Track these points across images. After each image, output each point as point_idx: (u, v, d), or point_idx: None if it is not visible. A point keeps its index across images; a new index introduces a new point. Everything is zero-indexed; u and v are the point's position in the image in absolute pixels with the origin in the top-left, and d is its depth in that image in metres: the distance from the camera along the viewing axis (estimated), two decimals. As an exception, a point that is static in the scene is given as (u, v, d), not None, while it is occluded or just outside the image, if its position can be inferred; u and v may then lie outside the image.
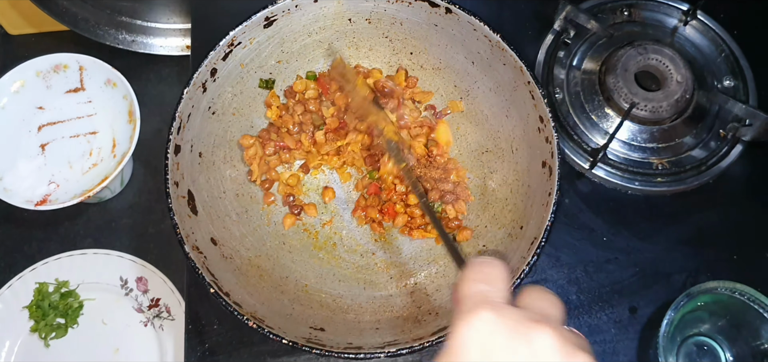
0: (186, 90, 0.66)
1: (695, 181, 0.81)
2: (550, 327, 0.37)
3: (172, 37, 1.05)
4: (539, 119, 0.67)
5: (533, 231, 0.64)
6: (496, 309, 0.38)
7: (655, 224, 0.80)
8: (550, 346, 0.37)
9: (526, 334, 0.37)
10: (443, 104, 0.78)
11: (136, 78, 0.97)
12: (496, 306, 0.39)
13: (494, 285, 0.41)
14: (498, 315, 0.38)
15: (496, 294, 0.41)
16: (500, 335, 0.37)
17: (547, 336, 0.37)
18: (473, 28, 0.69)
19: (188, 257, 0.62)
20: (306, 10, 0.72)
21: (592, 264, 0.78)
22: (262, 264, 0.71)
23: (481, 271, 0.42)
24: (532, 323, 0.37)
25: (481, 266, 0.43)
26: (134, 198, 1.02)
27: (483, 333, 0.37)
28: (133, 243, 0.99)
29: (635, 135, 0.82)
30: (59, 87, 0.97)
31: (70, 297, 0.95)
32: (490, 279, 0.42)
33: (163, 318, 0.95)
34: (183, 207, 0.65)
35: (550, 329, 0.37)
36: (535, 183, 0.68)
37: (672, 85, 0.82)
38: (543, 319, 0.38)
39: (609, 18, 0.89)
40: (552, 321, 0.39)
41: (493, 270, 0.42)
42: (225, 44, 0.68)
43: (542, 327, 0.37)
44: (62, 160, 0.98)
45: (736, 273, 0.77)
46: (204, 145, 0.71)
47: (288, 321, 0.65)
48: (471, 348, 0.37)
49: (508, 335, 0.37)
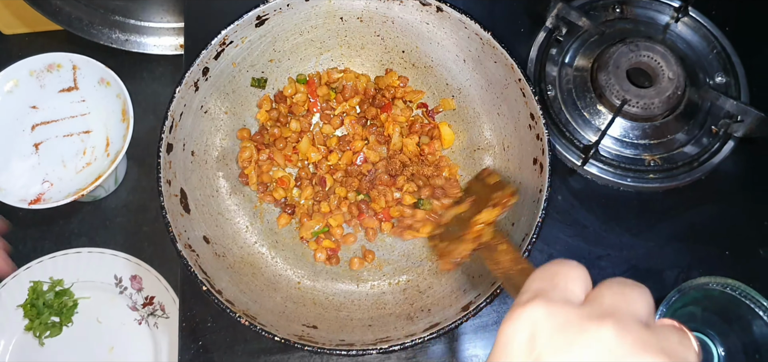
0: (178, 89, 0.67)
1: (687, 178, 0.81)
2: (612, 324, 0.33)
3: (166, 36, 1.05)
4: (530, 116, 0.67)
5: (524, 228, 0.64)
6: (550, 304, 0.35)
7: (648, 220, 0.80)
8: (608, 347, 0.32)
9: (577, 333, 0.33)
10: (435, 102, 0.78)
11: (130, 77, 0.98)
12: (551, 301, 0.35)
13: (559, 282, 0.37)
14: (550, 310, 0.35)
15: (557, 292, 0.36)
16: (547, 332, 0.34)
17: (606, 335, 0.33)
18: (464, 26, 0.70)
19: (180, 255, 0.62)
20: (298, 9, 0.72)
21: (585, 260, 0.77)
22: (254, 262, 0.71)
23: (548, 269, 0.39)
24: (590, 320, 0.34)
25: (551, 264, 0.39)
26: (128, 196, 1.02)
27: (529, 332, 0.34)
28: (128, 241, 0.99)
29: (627, 132, 0.82)
30: (53, 86, 0.97)
31: (64, 295, 0.95)
32: (555, 276, 0.37)
33: (158, 316, 0.95)
34: (175, 206, 0.66)
35: (611, 326, 0.33)
36: (526, 180, 0.68)
37: (664, 82, 0.82)
38: (607, 316, 0.34)
39: (601, 15, 0.89)
40: (621, 317, 0.34)
41: (562, 268, 0.38)
42: (217, 43, 0.68)
43: (601, 324, 0.33)
44: (56, 159, 0.98)
45: (728, 268, 0.77)
46: (196, 143, 0.71)
47: (280, 319, 0.65)
48: (514, 348, 0.35)
49: (558, 330, 0.34)
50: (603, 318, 0.33)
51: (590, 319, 0.34)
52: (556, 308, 0.35)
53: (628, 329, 0.33)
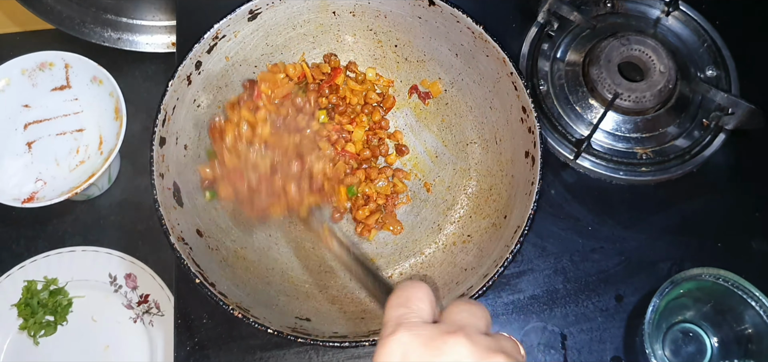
0: (171, 82, 0.67)
1: (679, 170, 0.81)
2: (464, 336, 0.40)
3: (158, 34, 1.05)
4: (522, 110, 0.67)
5: (517, 220, 0.64)
6: (411, 328, 0.41)
7: (640, 213, 0.80)
8: (464, 353, 0.39)
9: (439, 346, 0.40)
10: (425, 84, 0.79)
11: (123, 75, 0.98)
12: (412, 325, 0.42)
13: (413, 306, 0.44)
14: (413, 334, 0.41)
15: (413, 316, 0.43)
16: (415, 351, 0.40)
17: (461, 344, 0.40)
18: (456, 20, 0.70)
19: (173, 248, 0.62)
20: (290, 3, 0.72)
21: (578, 253, 0.78)
22: (247, 255, 0.71)
23: (401, 295, 0.45)
24: (446, 335, 0.40)
25: (402, 289, 0.45)
26: (122, 195, 1.02)
27: (399, 354, 0.40)
28: (122, 240, 0.99)
29: (619, 125, 0.83)
30: (45, 85, 0.97)
31: (59, 294, 0.95)
32: (409, 301, 0.44)
33: (153, 314, 0.95)
34: (168, 199, 0.66)
35: (463, 337, 0.40)
36: (518, 173, 0.68)
37: (655, 76, 0.82)
38: (458, 330, 0.41)
39: (592, 10, 0.89)
40: (468, 330, 0.41)
41: (412, 292, 0.45)
42: (209, 37, 0.69)
43: (456, 337, 0.40)
44: (49, 157, 0.98)
45: (721, 260, 0.78)
46: (189, 137, 0.71)
47: (274, 312, 0.65)
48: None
49: (422, 350, 0.40)
50: (457, 332, 0.40)
51: (448, 333, 0.40)
52: (418, 330, 0.41)
53: (476, 338, 0.40)
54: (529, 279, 0.77)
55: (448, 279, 0.69)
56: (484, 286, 0.61)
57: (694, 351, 0.74)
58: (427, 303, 0.44)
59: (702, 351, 0.74)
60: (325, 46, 0.78)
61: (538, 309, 0.76)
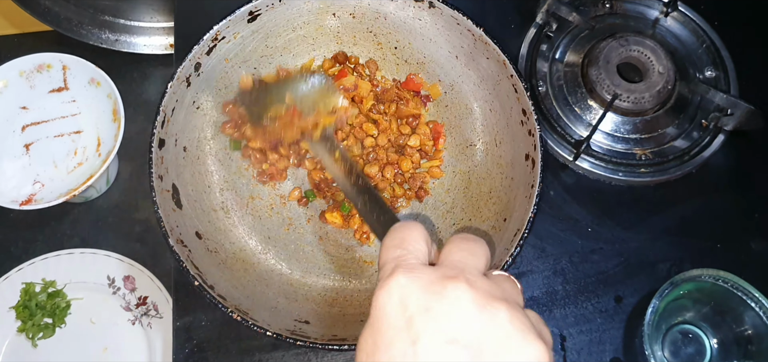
0: (170, 84, 0.66)
1: (678, 171, 0.81)
2: (464, 281, 0.38)
3: (156, 35, 1.05)
4: (522, 112, 0.67)
5: (517, 223, 0.64)
6: (409, 270, 0.39)
7: (639, 214, 0.80)
8: (465, 299, 0.38)
9: (439, 291, 0.38)
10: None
11: (121, 77, 0.97)
12: (409, 267, 0.40)
13: (409, 247, 0.42)
14: (411, 276, 0.39)
15: (410, 257, 0.41)
16: (414, 294, 0.38)
17: (461, 289, 0.38)
18: (456, 22, 0.70)
19: (172, 250, 0.62)
20: (290, 5, 0.72)
21: (578, 254, 0.78)
22: (247, 257, 0.71)
23: (395, 236, 0.43)
24: (446, 279, 0.39)
25: (396, 231, 0.44)
26: (120, 197, 1.01)
27: (398, 297, 0.38)
28: (120, 242, 0.99)
29: (618, 126, 0.83)
30: (43, 87, 0.97)
31: (57, 296, 0.95)
32: (404, 242, 0.43)
33: (151, 316, 0.95)
34: (167, 201, 0.65)
35: (463, 282, 0.38)
36: (518, 175, 0.68)
37: (654, 76, 0.82)
38: (458, 273, 0.39)
39: (590, 10, 0.89)
40: (468, 273, 0.40)
41: (407, 232, 0.43)
42: (209, 38, 0.68)
43: (456, 281, 0.38)
44: (47, 159, 0.98)
45: (720, 261, 0.78)
46: (188, 139, 0.70)
47: (273, 314, 0.65)
48: (389, 312, 0.38)
49: (421, 294, 0.38)
50: (457, 276, 0.39)
51: (447, 278, 0.39)
52: (416, 273, 0.39)
53: (476, 283, 0.39)
54: (528, 281, 0.77)
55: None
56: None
57: (693, 352, 0.74)
58: (424, 243, 0.43)
59: (701, 353, 0.74)
60: (324, 48, 0.78)
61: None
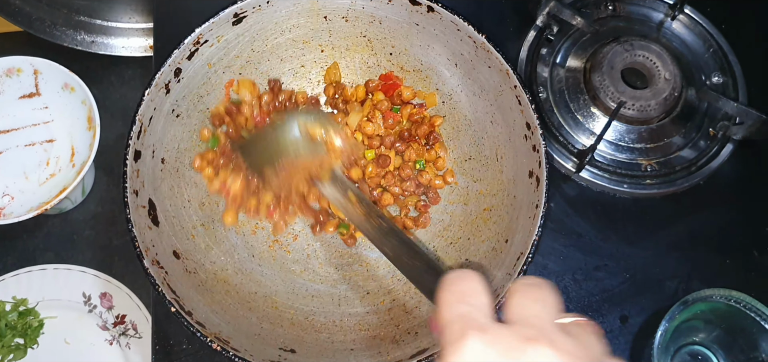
0: (147, 91, 0.62)
1: (685, 183, 0.78)
2: (547, 343, 0.35)
3: (135, 37, 1.00)
4: (526, 126, 0.63)
5: (519, 246, 0.60)
6: (483, 332, 0.35)
7: (645, 228, 0.77)
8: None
9: (519, 358, 0.34)
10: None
11: (97, 81, 0.93)
12: (483, 328, 0.36)
13: (475, 301, 0.38)
14: (487, 340, 0.35)
15: (479, 314, 0.37)
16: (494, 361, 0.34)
17: (544, 354, 0.34)
18: (457, 28, 0.66)
19: (148, 273, 0.57)
20: (278, 7, 0.68)
21: (581, 271, 0.75)
22: (228, 278, 0.66)
23: (455, 289, 0.39)
24: (526, 342, 0.35)
25: (454, 283, 0.39)
26: (96, 208, 0.97)
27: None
28: (97, 256, 0.94)
29: (622, 135, 0.79)
30: (12, 92, 0.92)
31: (29, 315, 0.90)
32: (467, 296, 0.38)
33: (130, 336, 0.90)
34: (143, 218, 0.61)
35: (546, 345, 0.34)
36: (521, 194, 0.64)
37: (660, 83, 0.79)
38: (538, 333, 0.35)
39: (593, 13, 0.86)
40: (548, 331, 0.36)
41: (468, 284, 0.39)
42: (190, 42, 0.64)
43: (537, 345, 0.34)
44: (17, 170, 0.92)
45: (730, 277, 0.74)
46: (167, 150, 0.66)
47: (256, 342, 0.60)
48: None
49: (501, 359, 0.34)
50: (537, 338, 0.35)
51: (527, 340, 0.35)
52: (490, 336, 0.35)
53: (558, 343, 0.35)
54: (530, 300, 0.73)
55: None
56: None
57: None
58: (486, 296, 0.38)
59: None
60: (315, 52, 0.74)
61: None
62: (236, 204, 0.65)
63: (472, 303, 0.37)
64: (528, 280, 0.40)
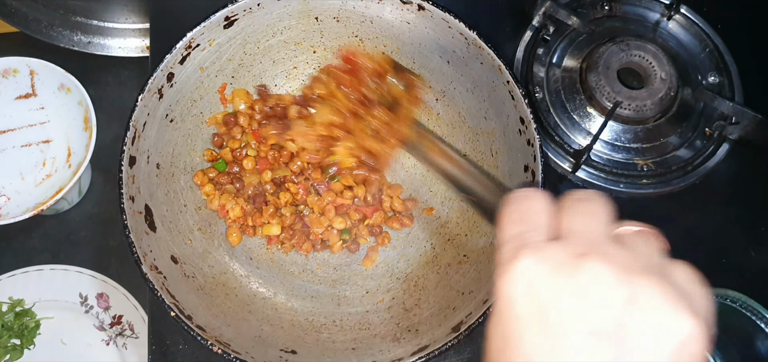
0: (140, 96, 0.62)
1: (681, 183, 0.78)
2: (599, 258, 0.33)
3: (131, 37, 0.99)
4: (520, 121, 0.63)
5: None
6: (534, 250, 0.35)
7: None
8: (603, 279, 0.33)
9: (572, 274, 0.34)
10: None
11: (94, 82, 0.92)
12: (534, 246, 0.35)
13: (531, 221, 0.37)
14: (537, 257, 0.34)
15: (533, 233, 0.37)
16: (544, 279, 0.34)
17: (597, 268, 0.33)
18: (448, 25, 0.66)
19: (146, 278, 0.57)
20: (269, 9, 0.67)
21: (577, 271, 0.74)
22: (227, 281, 0.66)
23: (515, 209, 0.38)
24: (578, 258, 0.34)
25: (516, 203, 0.39)
26: (93, 209, 0.96)
27: (525, 283, 0.34)
28: (93, 257, 0.93)
29: (618, 135, 0.79)
30: (8, 93, 0.91)
31: (25, 316, 0.89)
32: (525, 216, 0.38)
33: (127, 337, 0.90)
34: (140, 224, 0.61)
35: (598, 260, 0.33)
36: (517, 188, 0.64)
37: (656, 83, 0.78)
38: (590, 247, 0.34)
39: (589, 13, 0.85)
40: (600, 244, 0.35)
41: (529, 203, 0.38)
42: (182, 46, 0.64)
43: (589, 260, 0.33)
44: (13, 170, 0.92)
45: (726, 277, 0.73)
46: (162, 155, 0.66)
47: (257, 344, 0.60)
48: (516, 301, 0.34)
49: (552, 278, 0.34)
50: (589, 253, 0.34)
51: (578, 256, 0.34)
52: (542, 253, 0.35)
53: (611, 256, 0.34)
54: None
55: (443, 303, 0.64)
56: (485, 313, 0.57)
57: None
58: (546, 215, 0.37)
59: (707, 375, 0.71)
60: (307, 53, 0.73)
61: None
62: (238, 226, 0.66)
63: (529, 224, 0.37)
64: (579, 194, 0.39)
